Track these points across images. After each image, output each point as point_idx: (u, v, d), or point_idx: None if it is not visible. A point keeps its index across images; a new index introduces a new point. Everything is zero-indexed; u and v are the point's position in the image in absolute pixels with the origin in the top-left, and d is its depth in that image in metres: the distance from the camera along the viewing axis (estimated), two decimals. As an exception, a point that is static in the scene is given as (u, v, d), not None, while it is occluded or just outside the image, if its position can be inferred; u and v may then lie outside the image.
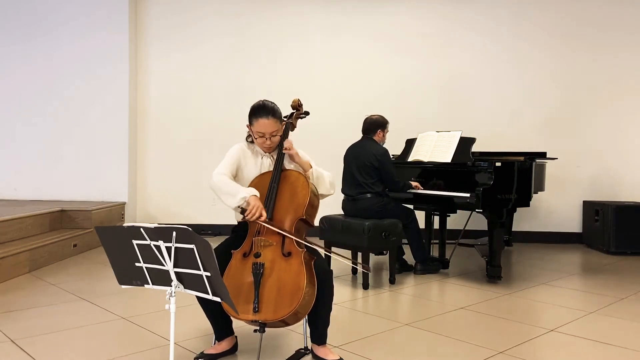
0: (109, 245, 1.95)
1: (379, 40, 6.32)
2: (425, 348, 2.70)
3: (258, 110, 2.45)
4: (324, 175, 2.55)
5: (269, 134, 2.44)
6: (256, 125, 2.45)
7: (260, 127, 2.43)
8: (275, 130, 2.45)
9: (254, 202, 2.29)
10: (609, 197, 6.08)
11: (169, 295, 1.86)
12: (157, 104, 6.39)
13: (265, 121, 2.42)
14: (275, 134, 2.46)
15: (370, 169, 4.12)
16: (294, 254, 2.26)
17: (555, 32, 6.18)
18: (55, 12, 6.15)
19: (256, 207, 2.27)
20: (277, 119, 2.45)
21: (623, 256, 5.39)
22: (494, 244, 4.06)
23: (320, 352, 2.43)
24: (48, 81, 6.18)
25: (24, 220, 4.70)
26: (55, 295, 3.62)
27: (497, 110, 6.22)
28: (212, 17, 6.36)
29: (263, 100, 2.50)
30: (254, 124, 2.46)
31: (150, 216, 6.35)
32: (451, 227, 4.84)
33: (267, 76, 6.28)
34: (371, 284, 4.02)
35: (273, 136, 2.46)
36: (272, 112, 2.44)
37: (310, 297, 2.19)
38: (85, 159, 6.17)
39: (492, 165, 3.96)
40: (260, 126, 2.43)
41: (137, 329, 2.93)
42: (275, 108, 2.48)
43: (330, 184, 2.56)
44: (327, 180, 2.55)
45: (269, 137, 2.45)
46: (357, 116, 6.13)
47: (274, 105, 2.49)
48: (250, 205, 2.28)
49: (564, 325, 3.08)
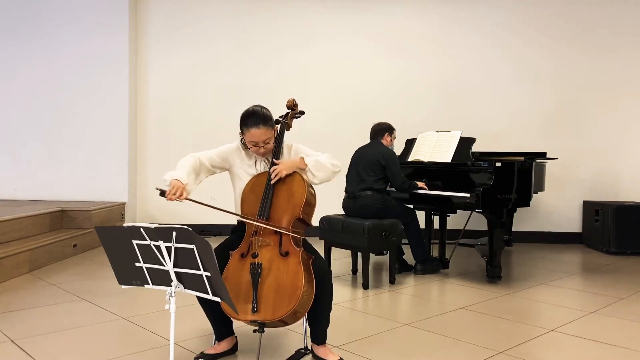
0: (109, 245, 1.95)
1: (379, 40, 6.32)
2: (425, 348, 2.70)
3: (248, 119, 2.41)
4: (319, 160, 2.46)
5: (262, 142, 2.43)
6: (247, 135, 2.42)
7: (252, 137, 2.41)
8: (268, 138, 2.43)
9: (174, 183, 2.28)
10: (609, 197, 6.08)
11: (169, 295, 1.86)
12: (157, 104, 6.39)
13: (256, 131, 2.39)
14: (268, 141, 2.44)
15: (376, 167, 4.13)
16: (291, 254, 2.26)
17: (555, 32, 6.18)
18: (55, 13, 6.15)
19: (175, 187, 2.25)
20: (268, 126, 2.41)
21: (623, 256, 5.39)
22: (494, 244, 4.06)
23: (320, 352, 2.43)
24: (48, 81, 6.18)
25: (23, 221, 4.70)
26: (55, 295, 3.62)
27: (497, 110, 6.22)
28: (211, 17, 6.36)
29: (253, 107, 2.46)
30: (245, 133, 2.43)
31: (150, 216, 6.35)
32: (451, 227, 4.84)
33: (267, 76, 6.28)
34: (371, 284, 4.02)
35: (266, 143, 2.44)
36: (263, 120, 2.40)
37: (308, 296, 2.19)
38: (85, 159, 6.17)
39: (492, 165, 3.96)
40: (251, 136, 2.41)
41: (137, 329, 2.93)
42: (267, 114, 2.44)
43: (331, 165, 2.47)
44: (326, 163, 2.46)
45: (262, 145, 2.44)
46: (357, 116, 6.19)
47: (264, 110, 2.45)
48: (170, 186, 2.28)
49: (564, 325, 3.08)
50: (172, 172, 2.35)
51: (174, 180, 2.30)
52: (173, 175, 2.33)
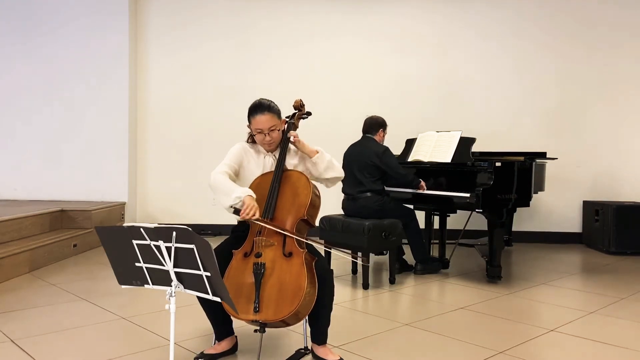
0: (109, 245, 1.95)
1: (379, 40, 6.32)
2: (425, 348, 2.70)
3: (254, 108, 2.49)
4: (334, 162, 2.59)
5: (267, 129, 2.46)
6: (254, 122, 2.48)
7: (258, 124, 2.46)
8: (273, 125, 2.47)
9: (249, 202, 2.28)
10: (609, 197, 6.08)
11: (169, 295, 1.86)
12: (157, 104, 6.39)
13: (262, 117, 2.45)
14: (274, 128, 2.48)
15: (372, 168, 4.12)
16: (295, 254, 2.26)
17: (555, 32, 6.18)
18: (55, 12, 6.15)
19: (250, 207, 2.26)
20: (273, 113, 2.48)
21: (623, 256, 5.39)
22: (494, 244, 4.06)
23: (320, 351, 2.43)
24: (48, 81, 6.18)
25: (23, 221, 4.70)
26: (55, 295, 3.62)
27: (497, 110, 6.22)
28: (212, 17, 6.36)
29: (259, 99, 2.54)
30: (252, 121, 2.50)
31: (150, 216, 6.35)
32: (451, 227, 4.84)
33: (267, 76, 6.27)
34: (371, 284, 4.02)
35: (272, 131, 2.47)
36: (268, 108, 2.47)
37: (311, 298, 2.19)
38: (86, 159, 6.17)
39: (492, 165, 3.96)
40: (257, 123, 2.46)
41: (137, 329, 2.93)
42: (272, 104, 2.51)
43: (340, 172, 2.61)
44: (337, 167, 2.59)
45: (267, 132, 2.46)
46: (357, 116, 6.13)
47: (270, 102, 2.52)
48: (245, 205, 2.27)
49: (564, 325, 3.08)
50: (241, 189, 2.33)
51: (249, 197, 2.29)
52: (245, 192, 2.31)
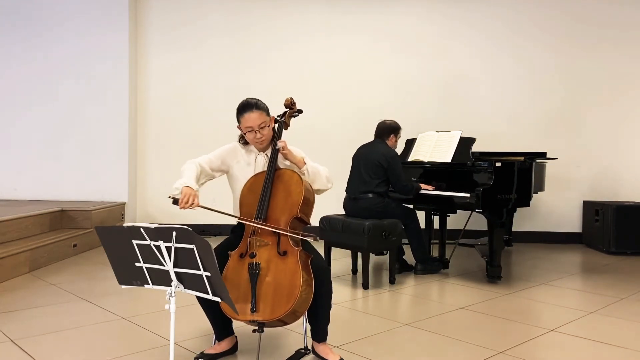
0: (109, 245, 1.95)
1: (379, 40, 6.32)
2: (425, 348, 2.70)
3: (242, 108, 2.49)
4: (319, 170, 2.55)
5: (258, 127, 2.46)
6: (243, 121, 2.48)
7: (248, 122, 2.46)
8: (263, 122, 2.47)
9: (185, 191, 2.28)
10: (609, 197, 6.08)
11: (169, 295, 1.86)
12: (157, 103, 6.39)
13: (251, 115, 2.45)
14: (264, 125, 2.47)
15: (378, 169, 4.11)
16: (289, 253, 2.26)
17: (555, 32, 6.18)
18: (55, 11, 6.15)
19: (186, 195, 2.26)
20: (262, 110, 2.47)
21: (623, 256, 5.39)
22: (494, 244, 4.06)
23: (321, 350, 2.43)
24: (48, 80, 6.18)
25: (24, 220, 4.70)
26: (55, 295, 3.62)
27: (497, 110, 6.22)
28: (212, 15, 6.36)
29: (245, 99, 2.53)
30: (241, 121, 2.49)
31: (150, 216, 6.35)
32: (451, 227, 4.84)
33: (267, 75, 6.27)
34: (371, 284, 4.02)
35: (262, 128, 2.47)
36: (256, 106, 2.47)
37: (307, 296, 2.19)
38: (85, 159, 6.17)
39: (492, 165, 3.96)
40: (247, 121, 2.46)
41: (137, 329, 2.93)
42: (259, 102, 2.51)
43: (326, 179, 2.57)
44: (323, 175, 2.56)
45: (258, 129, 2.46)
46: (357, 116, 6.19)
47: (257, 100, 2.52)
48: (182, 194, 2.27)
49: (564, 325, 3.08)
50: (181, 180, 2.35)
51: (186, 187, 2.31)
52: (183, 182, 2.33)
